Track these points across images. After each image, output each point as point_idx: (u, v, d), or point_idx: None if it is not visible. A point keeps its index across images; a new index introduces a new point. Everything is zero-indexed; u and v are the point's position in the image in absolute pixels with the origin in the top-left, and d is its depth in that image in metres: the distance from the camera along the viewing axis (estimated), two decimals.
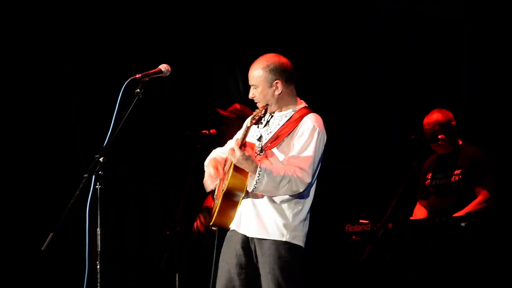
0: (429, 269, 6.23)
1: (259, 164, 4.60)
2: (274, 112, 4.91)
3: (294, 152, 4.75)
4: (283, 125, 4.84)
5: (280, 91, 4.86)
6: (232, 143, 5.08)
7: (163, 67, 4.73)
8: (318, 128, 4.80)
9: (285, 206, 4.77)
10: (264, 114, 4.56)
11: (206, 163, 5.03)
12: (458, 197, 6.48)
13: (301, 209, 4.82)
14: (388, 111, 7.83)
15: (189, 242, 7.21)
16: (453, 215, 6.22)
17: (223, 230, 4.99)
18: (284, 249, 4.74)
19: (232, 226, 4.86)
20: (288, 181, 4.63)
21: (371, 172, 7.80)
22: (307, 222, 4.87)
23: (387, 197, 6.23)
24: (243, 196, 4.77)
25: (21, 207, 7.89)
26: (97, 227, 4.24)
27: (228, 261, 4.86)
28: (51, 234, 4.14)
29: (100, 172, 4.25)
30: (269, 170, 4.60)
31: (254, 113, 4.60)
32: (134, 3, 8.31)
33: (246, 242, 4.82)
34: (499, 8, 7.36)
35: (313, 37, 8.09)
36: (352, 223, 6.42)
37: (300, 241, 4.81)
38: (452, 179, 6.55)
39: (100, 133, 4.60)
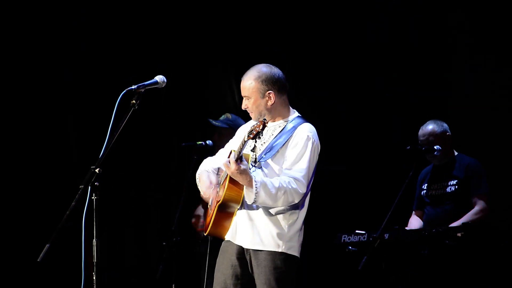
0: (425, 279, 6.23)
1: (254, 177, 4.61)
2: (267, 122, 4.92)
3: (288, 162, 4.76)
4: (276, 135, 4.85)
5: (273, 102, 4.87)
6: (224, 152, 5.10)
7: (159, 78, 4.74)
8: (312, 138, 4.81)
9: (280, 217, 4.78)
10: (262, 129, 4.53)
11: (197, 176, 5.05)
12: (454, 207, 6.48)
13: (296, 219, 4.83)
14: (388, 113, 7.83)
15: (185, 253, 7.20)
16: (450, 225, 6.22)
17: (216, 239, 5.00)
18: (280, 260, 4.74)
19: (227, 237, 4.87)
20: (284, 193, 4.65)
21: (367, 183, 7.79)
22: (302, 232, 4.88)
23: (383, 208, 6.22)
24: (238, 207, 4.77)
25: (17, 218, 7.88)
26: (93, 238, 4.23)
27: (223, 271, 4.86)
28: (47, 245, 4.13)
29: (96, 183, 4.25)
30: (264, 183, 4.62)
31: (252, 127, 4.58)
32: (132, 9, 8.33)
33: (242, 253, 4.83)
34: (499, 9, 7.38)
35: (313, 37, 8.09)
36: (348, 233, 6.42)
37: (295, 251, 4.82)
38: (448, 189, 6.55)
39: (96, 144, 4.61)
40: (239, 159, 4.61)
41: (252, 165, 4.78)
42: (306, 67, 8.11)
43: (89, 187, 4.24)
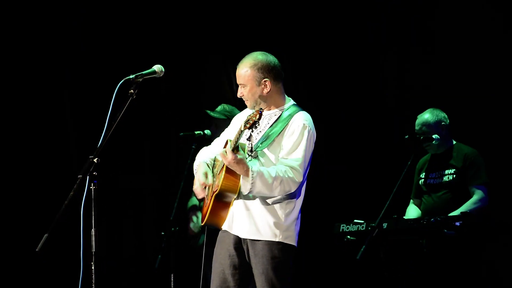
0: (424, 268, 6.24)
1: (251, 167, 4.60)
2: (263, 111, 4.90)
3: (284, 151, 4.75)
4: (272, 124, 4.84)
5: (268, 89, 4.86)
6: (219, 142, 5.10)
7: (157, 67, 4.73)
8: (308, 127, 4.79)
9: (277, 206, 4.77)
10: (259, 119, 4.53)
11: (195, 167, 5.02)
12: (452, 196, 6.48)
13: (293, 208, 4.83)
14: (386, 110, 7.83)
15: (184, 243, 7.20)
16: (448, 215, 6.22)
17: (212, 231, 5.00)
18: (277, 250, 4.74)
19: (224, 227, 4.87)
20: (281, 182, 4.64)
21: (366, 172, 7.79)
22: (299, 221, 4.88)
23: (382, 197, 6.23)
24: (235, 197, 4.76)
25: (16, 208, 7.88)
26: (92, 228, 4.24)
27: (221, 261, 4.86)
28: (45, 235, 4.14)
29: (94, 173, 4.25)
30: (261, 172, 4.60)
31: (248, 117, 4.58)
32: (130, 2, 8.32)
33: (239, 242, 4.83)
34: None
35: (313, 37, 8.09)
36: (346, 223, 6.42)
37: (293, 240, 4.82)
38: (445, 178, 6.55)
39: (94, 134, 4.60)
40: (236, 148, 4.60)
41: (248, 154, 4.77)
42: (305, 67, 8.11)
43: (87, 177, 4.24)
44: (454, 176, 6.51)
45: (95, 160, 4.25)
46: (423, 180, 6.68)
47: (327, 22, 8.05)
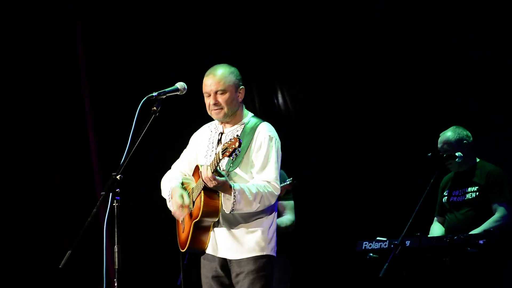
0: (447, 286, 6.19)
1: (233, 186, 4.59)
2: (222, 128, 4.91)
3: (257, 167, 4.74)
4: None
5: (242, 98, 4.88)
6: (180, 164, 5.09)
7: (180, 85, 4.75)
8: (274, 137, 4.79)
9: (260, 220, 4.77)
10: (239, 146, 4.41)
11: (167, 192, 4.97)
12: (475, 214, 6.43)
13: (273, 219, 4.83)
14: (410, 127, 7.80)
15: None
16: (471, 233, 6.18)
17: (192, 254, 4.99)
18: (263, 263, 4.75)
19: (208, 251, 4.85)
20: (261, 197, 4.64)
21: (389, 190, 7.77)
22: (275, 230, 4.87)
23: (405, 215, 6.20)
24: (216, 220, 4.73)
25: (40, 225, 7.92)
26: (115, 245, 4.25)
27: (211, 284, 4.87)
28: (69, 251, 4.15)
29: (117, 190, 4.26)
30: (242, 190, 4.60)
31: (226, 145, 4.46)
32: (152, 20, 8.37)
33: (225, 263, 4.82)
34: None
35: (332, 51, 8.09)
36: (369, 240, 6.40)
37: (275, 251, 4.84)
38: (469, 196, 6.51)
39: (117, 151, 4.62)
40: (215, 172, 4.54)
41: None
42: (323, 81, 8.11)
43: (110, 194, 4.25)
44: (477, 193, 6.47)
45: (118, 177, 4.27)
46: (446, 197, 6.65)
47: (343, 37, 8.05)
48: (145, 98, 4.50)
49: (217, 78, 4.84)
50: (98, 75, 8.26)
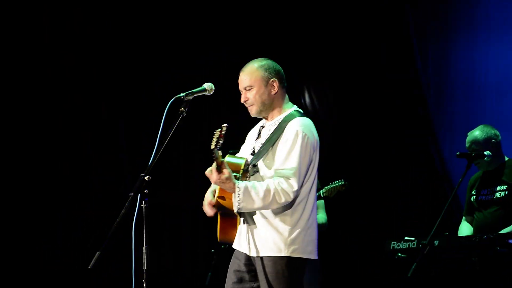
0: (476, 286, 6.16)
1: (237, 183, 4.53)
2: (265, 122, 4.85)
3: (279, 161, 4.63)
4: (271, 134, 4.74)
5: (276, 91, 4.77)
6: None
7: (207, 85, 4.76)
8: (302, 132, 4.64)
9: (281, 219, 4.65)
10: (224, 135, 4.37)
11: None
12: (504, 213, 6.40)
13: (299, 218, 4.67)
14: (437, 126, 7.77)
15: None
16: (501, 232, 6.15)
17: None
18: (282, 265, 4.62)
19: (234, 245, 4.84)
20: (273, 194, 4.52)
21: (417, 189, 7.75)
22: (311, 231, 4.71)
23: (433, 214, 6.18)
24: (237, 214, 4.69)
25: (69, 226, 7.97)
26: (143, 246, 4.26)
27: (231, 275, 4.82)
28: (98, 252, 4.16)
29: (145, 191, 4.27)
30: (248, 188, 4.52)
31: (214, 138, 4.43)
32: (179, 23, 8.40)
33: (248, 259, 4.76)
34: None
35: (355, 46, 8.09)
36: (397, 240, 6.37)
37: (300, 253, 4.65)
38: (498, 194, 6.48)
39: (146, 152, 4.64)
40: (219, 167, 4.51)
41: (246, 170, 4.67)
42: (349, 85, 8.11)
43: (139, 195, 4.26)
44: (506, 192, 6.43)
45: (146, 178, 4.28)
46: (474, 196, 6.61)
47: (369, 36, 8.03)
48: (173, 99, 4.51)
49: (244, 75, 4.82)
50: (123, 76, 8.30)
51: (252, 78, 4.78)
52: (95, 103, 8.27)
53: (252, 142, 4.89)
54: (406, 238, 6.33)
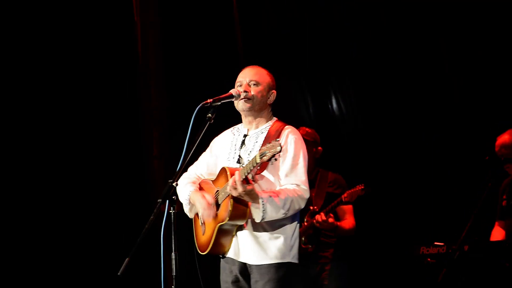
0: None
1: (261, 195, 4.54)
2: (246, 131, 4.90)
3: (286, 170, 4.70)
4: (262, 143, 4.77)
5: (271, 101, 4.91)
6: (199, 166, 5.06)
7: (234, 91, 4.76)
8: (300, 140, 4.77)
9: (284, 227, 4.73)
10: (279, 151, 4.32)
11: (185, 197, 4.94)
12: None
13: (296, 225, 4.78)
14: (467, 130, 7.72)
15: None
16: None
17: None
18: (283, 271, 4.69)
19: (229, 255, 4.83)
20: (291, 202, 4.59)
21: (447, 194, 7.70)
22: (298, 235, 4.82)
23: (463, 219, 6.14)
24: (241, 225, 4.71)
25: (98, 233, 7.99)
26: (172, 252, 4.26)
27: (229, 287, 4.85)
28: (127, 259, 4.17)
29: (173, 197, 4.28)
30: (271, 198, 4.54)
31: (265, 149, 4.37)
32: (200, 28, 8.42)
33: (244, 268, 4.79)
34: None
35: (382, 51, 8.06)
36: (427, 245, 6.34)
37: (296, 258, 4.78)
38: None
39: (174, 158, 4.65)
40: (245, 179, 4.51)
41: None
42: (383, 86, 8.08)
43: (167, 201, 4.27)
44: None
45: (174, 184, 4.28)
46: (506, 201, 6.56)
47: (394, 40, 8.01)
48: (200, 105, 4.52)
49: (254, 70, 4.93)
50: (153, 81, 8.34)
51: (261, 77, 4.90)
52: (126, 109, 8.30)
53: (232, 150, 4.91)
54: (435, 243, 6.29)
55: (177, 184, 4.29)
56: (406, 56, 7.95)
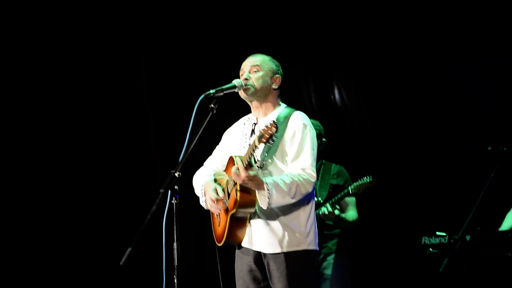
0: (510, 282, 6.11)
1: (265, 180, 4.52)
2: (255, 119, 4.90)
3: (292, 155, 4.69)
4: None
5: (276, 87, 4.89)
6: (213, 160, 5.07)
7: (237, 81, 4.76)
8: (308, 125, 4.76)
9: (296, 213, 4.71)
10: (276, 131, 4.34)
11: (200, 188, 4.96)
12: None
13: (310, 210, 4.76)
14: (471, 121, 7.71)
15: None
16: None
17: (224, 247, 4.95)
18: (301, 259, 4.69)
19: (244, 244, 4.82)
20: (297, 186, 4.56)
21: (448, 183, 7.69)
22: (315, 222, 4.80)
23: (465, 209, 6.13)
24: (252, 212, 4.71)
25: (100, 223, 8.01)
26: (174, 242, 4.26)
27: (244, 278, 4.85)
28: (129, 249, 4.17)
29: (176, 187, 4.28)
30: (276, 183, 4.53)
31: (262, 131, 4.37)
32: (210, 21, 8.41)
33: (259, 258, 4.78)
34: None
35: (385, 41, 8.04)
36: (428, 235, 6.34)
37: (313, 244, 4.76)
38: None
39: (176, 149, 4.65)
40: (249, 165, 4.50)
41: (257, 166, 4.67)
42: (383, 83, 8.06)
43: (169, 191, 4.27)
44: None
45: (176, 174, 4.28)
46: None
47: (396, 32, 7.99)
48: (203, 95, 4.52)
49: (255, 57, 4.94)
50: (156, 73, 8.33)
51: (262, 62, 4.89)
52: (127, 100, 8.30)
53: (242, 139, 4.92)
54: (437, 233, 6.29)
55: (179, 175, 4.28)
56: (406, 56, 7.94)
